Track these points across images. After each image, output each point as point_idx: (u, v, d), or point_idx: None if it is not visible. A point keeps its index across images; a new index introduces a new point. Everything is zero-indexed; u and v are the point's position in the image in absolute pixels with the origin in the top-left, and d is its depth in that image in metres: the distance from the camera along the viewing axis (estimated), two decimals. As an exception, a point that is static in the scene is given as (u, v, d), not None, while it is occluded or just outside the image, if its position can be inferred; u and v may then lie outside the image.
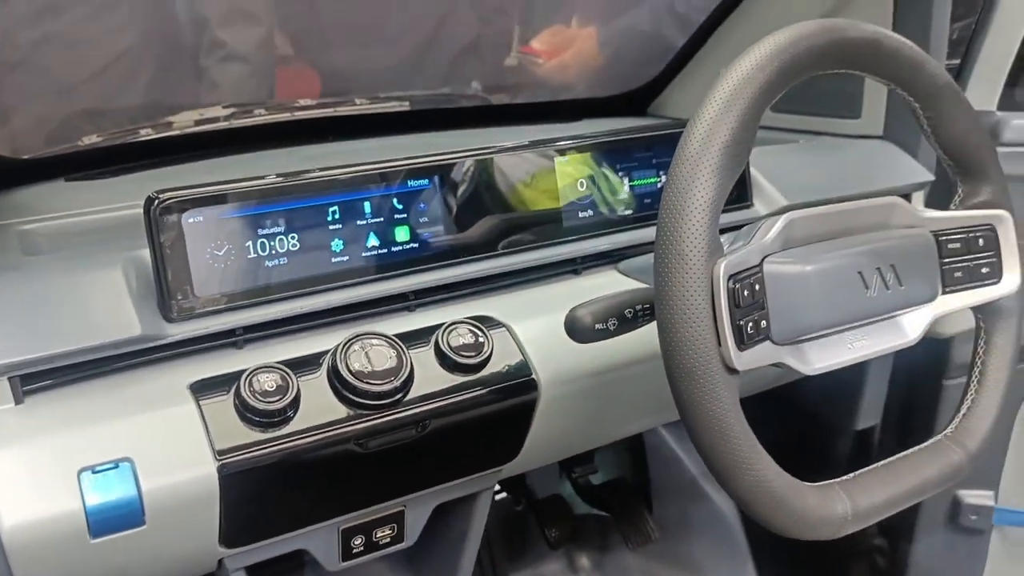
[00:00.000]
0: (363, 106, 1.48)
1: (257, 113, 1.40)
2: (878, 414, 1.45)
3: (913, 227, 0.84)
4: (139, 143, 1.31)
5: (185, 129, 1.34)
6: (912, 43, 0.81)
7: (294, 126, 1.41)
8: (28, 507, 0.65)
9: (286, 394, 0.73)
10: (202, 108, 1.40)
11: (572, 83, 1.80)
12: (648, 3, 1.75)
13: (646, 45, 1.74)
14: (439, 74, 1.85)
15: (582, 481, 1.59)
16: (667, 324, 0.68)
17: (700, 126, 0.69)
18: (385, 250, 0.86)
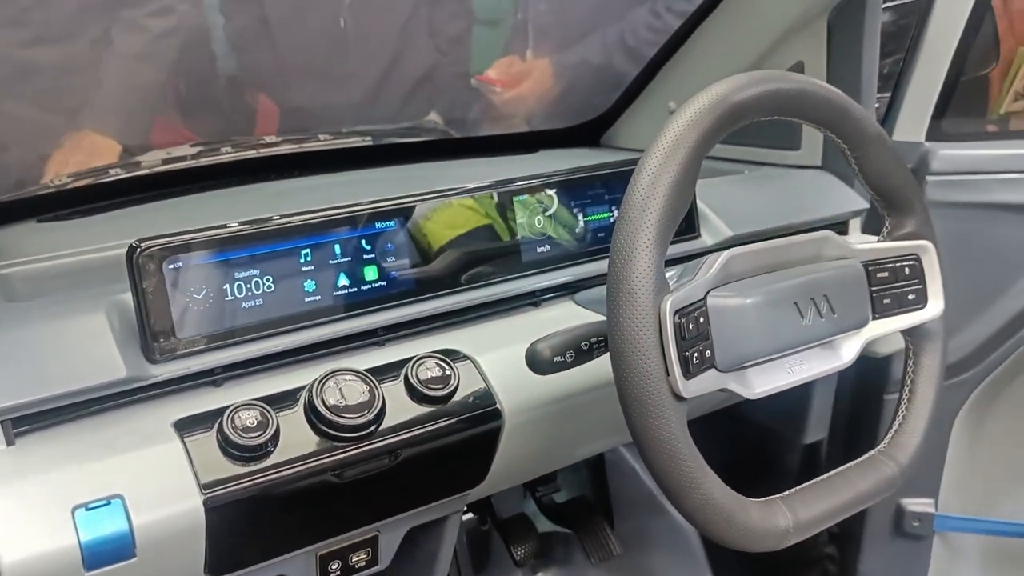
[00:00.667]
0: (326, 142, 1.53)
1: (224, 151, 1.44)
2: (825, 428, 1.52)
3: (844, 258, 0.92)
4: (109, 183, 1.34)
5: (154, 168, 1.38)
6: (839, 91, 0.89)
7: (260, 162, 1.45)
8: (26, 544, 0.69)
9: (266, 429, 0.78)
10: (169, 147, 1.44)
11: (529, 114, 1.87)
12: (599, 37, 1.82)
13: (598, 77, 1.82)
14: (399, 106, 1.91)
15: (545, 500, 1.64)
16: (619, 356, 0.74)
17: (645, 174, 0.75)
18: (355, 289, 0.91)
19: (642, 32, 1.76)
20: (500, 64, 1.97)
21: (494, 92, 1.89)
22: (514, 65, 1.95)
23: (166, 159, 1.41)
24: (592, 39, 1.84)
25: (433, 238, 0.97)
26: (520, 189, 1.03)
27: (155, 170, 1.38)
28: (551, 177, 1.06)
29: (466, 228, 1.00)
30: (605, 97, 1.68)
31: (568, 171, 1.08)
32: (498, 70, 1.95)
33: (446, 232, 0.98)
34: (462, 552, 1.57)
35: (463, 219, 1.00)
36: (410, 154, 1.58)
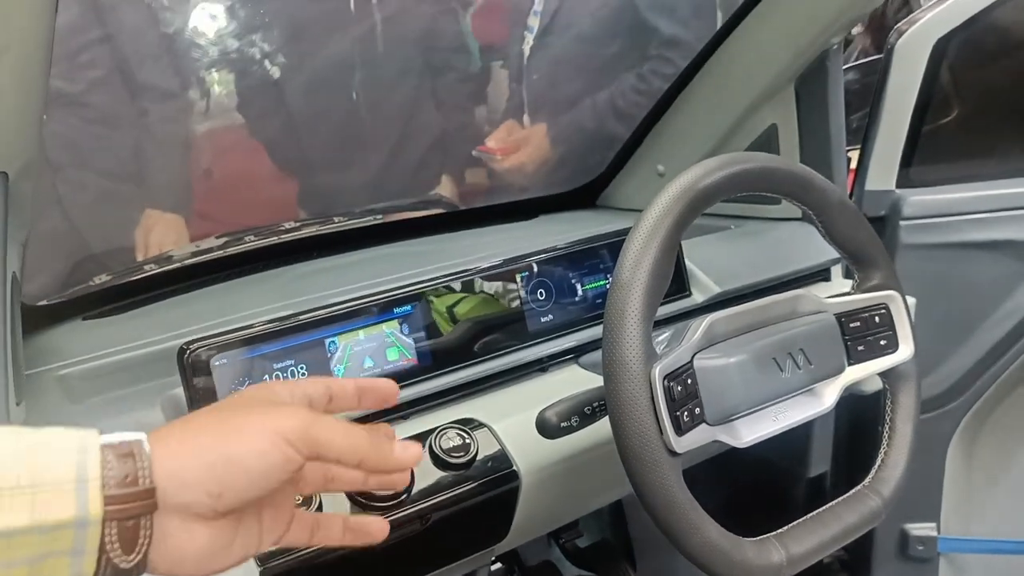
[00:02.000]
0: (341, 223, 1.64)
1: (247, 240, 1.56)
2: (827, 461, 1.61)
3: (819, 312, 1.01)
4: (144, 278, 1.45)
5: (184, 261, 1.49)
6: (800, 165, 1.00)
7: (282, 247, 1.56)
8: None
9: (311, 505, 0.88)
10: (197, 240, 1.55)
11: (529, 178, 1.98)
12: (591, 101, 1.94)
13: (593, 140, 1.93)
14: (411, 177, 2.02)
15: (569, 545, 1.72)
16: (616, 420, 0.84)
17: (628, 258, 0.86)
18: (379, 369, 1.02)
19: (631, 96, 1.87)
20: (500, 131, 2.08)
21: (495, 160, 2.00)
22: (513, 132, 2.07)
23: (195, 252, 1.52)
24: (584, 104, 1.95)
25: (446, 316, 1.08)
26: (521, 266, 1.14)
27: (185, 263, 1.49)
28: (550, 251, 1.17)
29: (476, 304, 1.10)
30: (600, 157, 1.79)
31: (566, 244, 1.19)
32: (498, 138, 2.06)
33: (457, 310, 1.09)
34: (492, 603, 1.65)
35: (472, 297, 1.10)
36: (419, 228, 1.69)
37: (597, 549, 1.75)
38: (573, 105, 1.99)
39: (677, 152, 1.57)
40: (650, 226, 0.87)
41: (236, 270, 1.48)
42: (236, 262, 1.50)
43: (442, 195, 1.93)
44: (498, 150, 2.02)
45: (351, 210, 1.71)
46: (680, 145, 1.57)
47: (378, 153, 1.99)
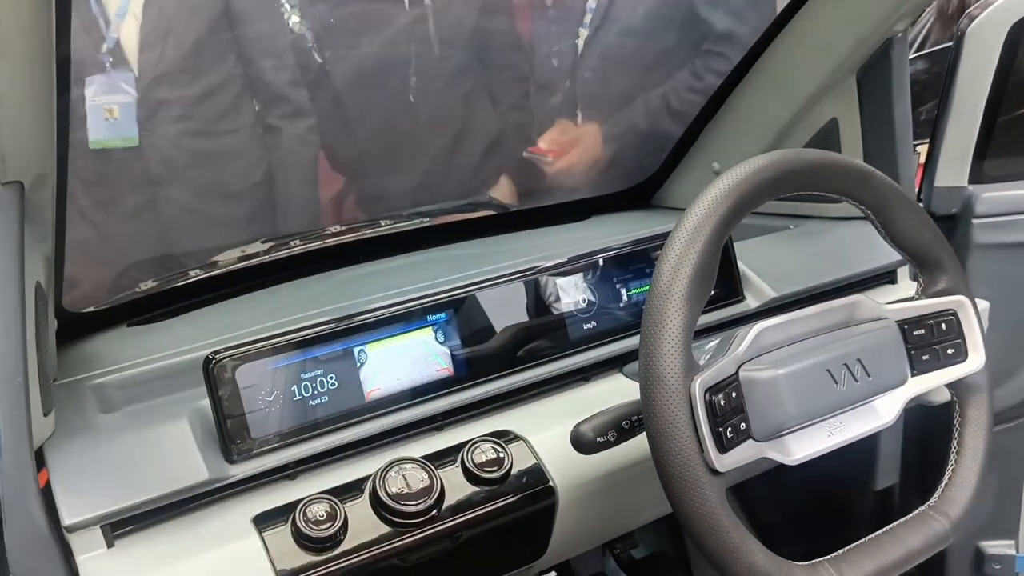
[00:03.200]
0: (388, 227, 1.61)
1: (293, 244, 1.54)
2: (896, 473, 1.52)
3: (878, 319, 0.94)
4: (190, 284, 1.45)
5: (230, 266, 1.48)
6: (856, 160, 0.93)
7: (327, 252, 1.54)
8: (126, 641, 0.77)
9: (335, 520, 0.85)
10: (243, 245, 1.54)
11: (582, 180, 1.93)
12: (644, 100, 1.88)
13: (646, 139, 1.87)
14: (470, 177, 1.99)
15: (624, 557, 1.66)
16: (654, 437, 0.78)
17: (667, 263, 0.80)
18: (413, 379, 0.98)
19: (684, 93, 1.81)
20: (552, 131, 2.03)
21: (546, 163, 1.96)
22: (566, 132, 2.02)
23: (241, 256, 1.51)
24: (637, 102, 1.90)
25: (484, 324, 1.04)
26: (563, 270, 1.09)
27: (231, 268, 1.48)
28: (593, 255, 1.12)
29: (516, 312, 1.06)
30: (654, 157, 1.73)
31: (610, 247, 1.14)
32: (550, 138, 2.01)
33: (496, 318, 1.04)
34: (543, 613, 1.61)
35: (513, 303, 1.06)
36: (468, 231, 1.65)
37: (653, 561, 1.69)
38: (626, 103, 1.94)
39: (733, 149, 1.51)
40: (691, 229, 0.81)
41: (282, 275, 1.47)
42: (282, 267, 1.49)
43: (492, 197, 1.89)
44: (550, 152, 1.98)
45: (398, 212, 1.68)
46: (736, 142, 1.50)
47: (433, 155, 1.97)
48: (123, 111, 1.47)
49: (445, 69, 1.96)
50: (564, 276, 1.09)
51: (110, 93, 1.47)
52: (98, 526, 0.83)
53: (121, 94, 1.47)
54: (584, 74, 2.03)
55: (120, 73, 1.49)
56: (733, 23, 1.71)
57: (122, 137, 1.50)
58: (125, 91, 1.48)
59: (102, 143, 1.49)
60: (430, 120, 1.96)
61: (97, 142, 1.49)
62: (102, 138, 1.48)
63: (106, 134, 1.48)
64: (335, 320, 0.96)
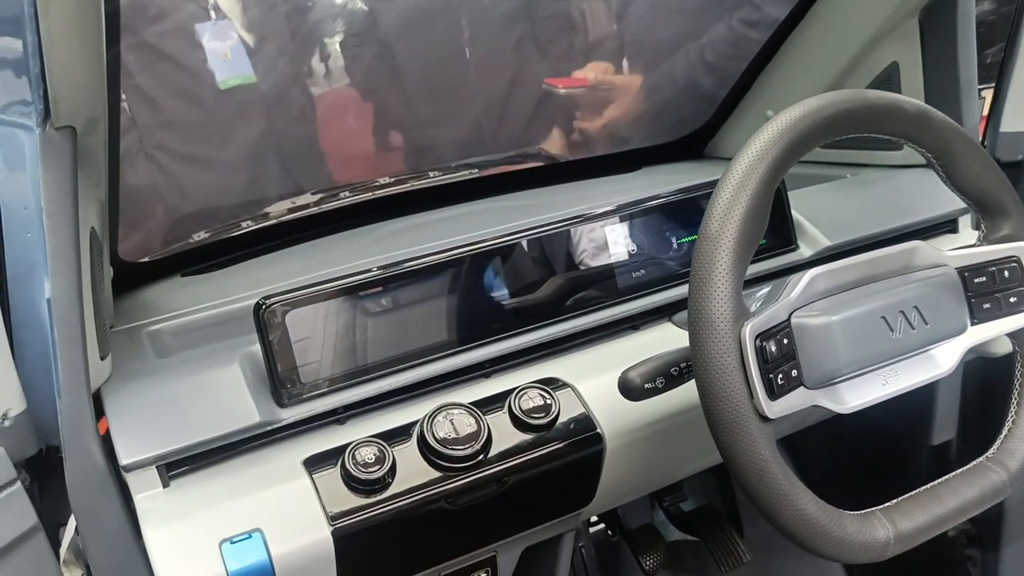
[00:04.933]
0: (436, 178, 1.61)
1: (342, 196, 1.55)
2: (953, 428, 1.49)
3: (937, 266, 0.92)
4: (242, 235, 1.46)
5: (281, 218, 1.50)
6: (915, 101, 0.89)
7: (377, 203, 1.54)
8: (182, 574, 0.79)
9: (384, 464, 0.86)
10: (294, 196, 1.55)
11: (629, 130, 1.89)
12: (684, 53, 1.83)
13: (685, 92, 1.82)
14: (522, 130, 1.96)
15: (672, 509, 1.66)
16: (703, 383, 0.77)
17: (718, 206, 0.79)
18: (462, 325, 0.98)
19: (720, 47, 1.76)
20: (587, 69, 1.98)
21: (557, 92, 1.90)
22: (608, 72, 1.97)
23: (291, 208, 1.52)
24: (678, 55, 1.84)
25: (534, 271, 1.03)
26: (612, 218, 1.07)
27: (282, 219, 1.49)
28: (642, 203, 1.10)
29: (564, 259, 1.05)
30: (694, 109, 1.70)
31: (660, 195, 1.12)
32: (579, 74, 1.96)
33: (545, 265, 1.04)
34: (591, 563, 1.62)
35: (561, 251, 1.05)
36: (517, 182, 1.64)
37: (702, 513, 1.69)
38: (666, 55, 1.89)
39: (787, 96, 1.47)
40: (742, 172, 0.79)
41: (331, 226, 1.48)
42: (331, 218, 1.50)
43: (541, 148, 1.87)
44: (562, 82, 1.92)
45: (447, 164, 1.68)
46: (791, 88, 1.46)
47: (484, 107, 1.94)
48: (234, 53, 1.56)
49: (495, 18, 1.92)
50: (613, 224, 1.08)
51: (220, 39, 1.55)
52: (154, 466, 0.85)
53: (229, 40, 1.56)
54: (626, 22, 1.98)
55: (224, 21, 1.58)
56: None
57: (241, 76, 1.58)
58: (231, 36, 1.56)
59: (225, 83, 1.57)
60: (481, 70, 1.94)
61: (223, 82, 1.57)
62: (224, 78, 1.57)
63: (227, 74, 1.57)
64: (384, 267, 0.96)
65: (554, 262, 1.05)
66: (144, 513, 0.83)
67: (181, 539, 0.81)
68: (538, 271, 1.04)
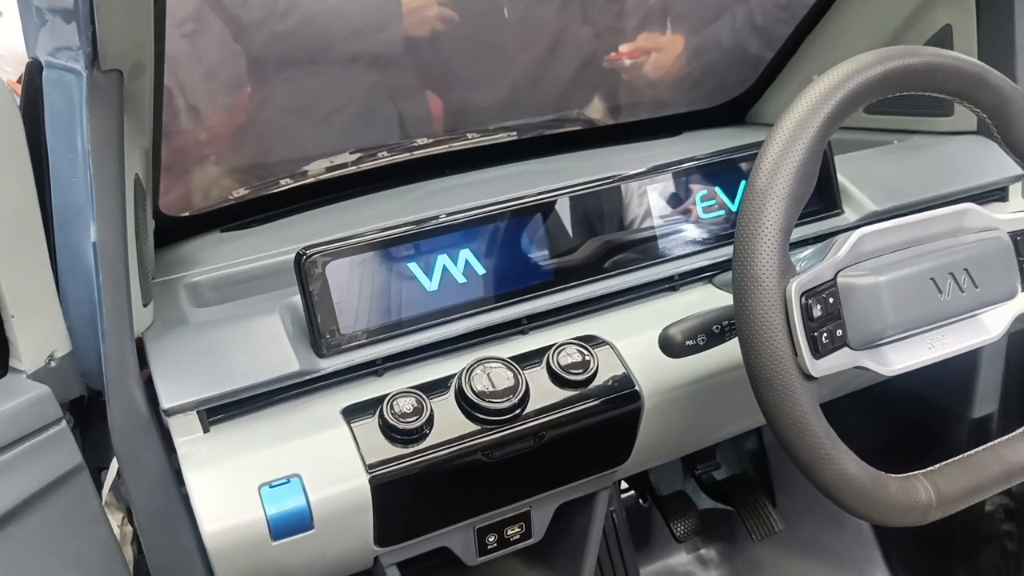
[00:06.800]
0: (474, 140, 1.60)
1: (380, 155, 1.54)
2: (995, 400, 1.47)
3: (989, 229, 0.90)
4: (281, 192, 1.47)
5: (319, 176, 1.50)
6: (971, 59, 0.87)
7: (414, 164, 1.54)
8: (223, 517, 0.80)
9: (421, 415, 0.86)
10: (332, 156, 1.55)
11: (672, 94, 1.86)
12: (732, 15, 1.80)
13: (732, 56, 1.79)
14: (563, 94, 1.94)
15: (705, 477, 1.66)
16: (747, 339, 0.76)
17: (767, 161, 0.77)
18: (500, 281, 0.98)
19: (770, 10, 1.72)
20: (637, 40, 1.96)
21: (623, 66, 1.88)
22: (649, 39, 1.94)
23: (329, 167, 1.52)
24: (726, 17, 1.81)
25: (573, 229, 1.02)
26: (653, 179, 1.06)
27: (320, 178, 1.49)
28: (683, 163, 1.09)
29: (605, 218, 1.04)
30: (739, 75, 1.67)
31: (700, 157, 1.11)
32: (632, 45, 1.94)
33: (585, 223, 1.03)
34: (623, 529, 1.62)
35: (601, 210, 1.04)
36: (556, 145, 1.63)
37: (734, 482, 1.68)
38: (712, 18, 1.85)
39: (835, 60, 1.40)
40: (792, 126, 0.78)
41: (369, 186, 1.48)
42: (369, 178, 1.50)
43: (581, 111, 1.85)
44: (625, 54, 1.90)
45: (484, 127, 1.67)
46: (838, 52, 1.43)
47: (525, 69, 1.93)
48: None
49: None
50: (654, 184, 1.06)
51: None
52: (195, 411, 0.86)
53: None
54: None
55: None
56: None
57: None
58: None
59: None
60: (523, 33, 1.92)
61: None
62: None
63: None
64: (422, 220, 0.96)
65: (594, 221, 1.04)
66: (185, 456, 0.84)
67: (221, 483, 0.82)
68: (577, 229, 1.03)
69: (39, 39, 0.83)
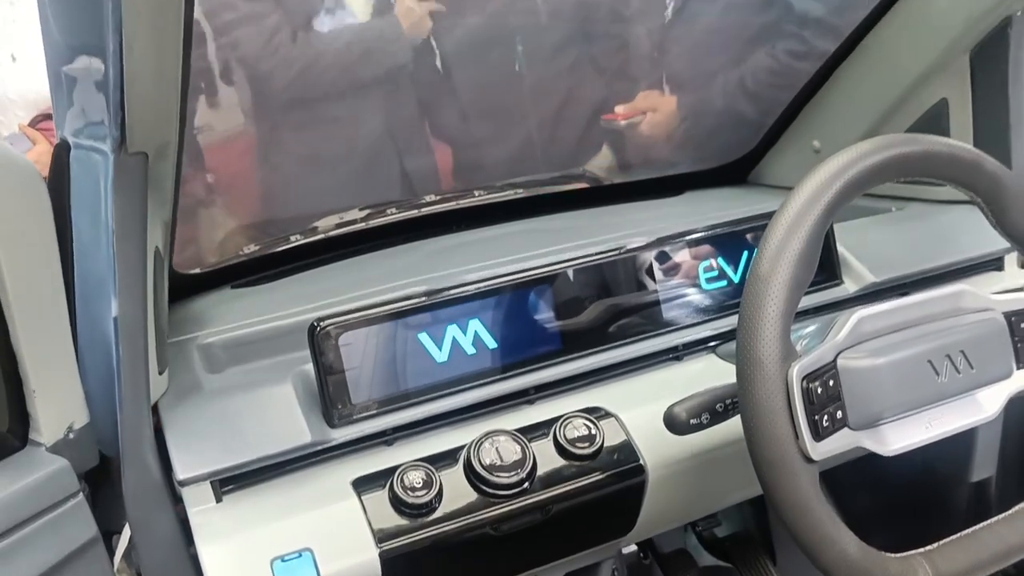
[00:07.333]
0: (482, 197, 1.63)
1: (389, 212, 1.57)
2: (993, 465, 1.48)
3: (984, 310, 0.92)
4: (291, 249, 1.49)
5: (329, 232, 1.52)
6: (967, 147, 0.90)
7: (423, 220, 1.57)
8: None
9: (431, 488, 0.88)
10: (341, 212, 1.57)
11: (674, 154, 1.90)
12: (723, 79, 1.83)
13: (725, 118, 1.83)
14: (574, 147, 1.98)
15: (706, 534, 1.67)
16: (749, 422, 0.79)
17: (769, 247, 0.80)
18: (508, 352, 1.00)
19: (762, 76, 1.76)
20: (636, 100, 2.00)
21: (619, 126, 1.92)
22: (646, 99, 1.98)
23: (339, 223, 1.54)
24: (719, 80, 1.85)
25: (579, 301, 1.04)
26: (659, 249, 1.09)
27: (330, 234, 1.52)
28: (686, 235, 1.11)
29: (610, 288, 1.06)
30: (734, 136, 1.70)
31: (707, 227, 1.13)
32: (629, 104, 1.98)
33: (591, 294, 1.05)
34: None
35: (607, 280, 1.07)
36: (562, 203, 1.66)
37: (736, 540, 1.69)
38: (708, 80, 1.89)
39: (835, 127, 1.47)
40: (794, 214, 0.80)
41: (378, 242, 1.50)
42: (378, 234, 1.53)
43: (586, 169, 1.88)
44: (622, 115, 1.94)
45: (491, 184, 1.70)
46: (838, 119, 1.46)
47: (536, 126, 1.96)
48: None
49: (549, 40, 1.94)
50: (659, 255, 1.09)
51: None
52: (208, 481, 0.87)
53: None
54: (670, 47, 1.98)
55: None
56: (813, 6, 1.65)
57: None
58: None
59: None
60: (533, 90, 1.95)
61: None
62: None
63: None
64: (433, 292, 0.98)
65: (600, 292, 1.06)
66: (198, 527, 0.85)
67: (234, 555, 0.83)
68: (584, 301, 1.05)
69: (67, 119, 0.85)
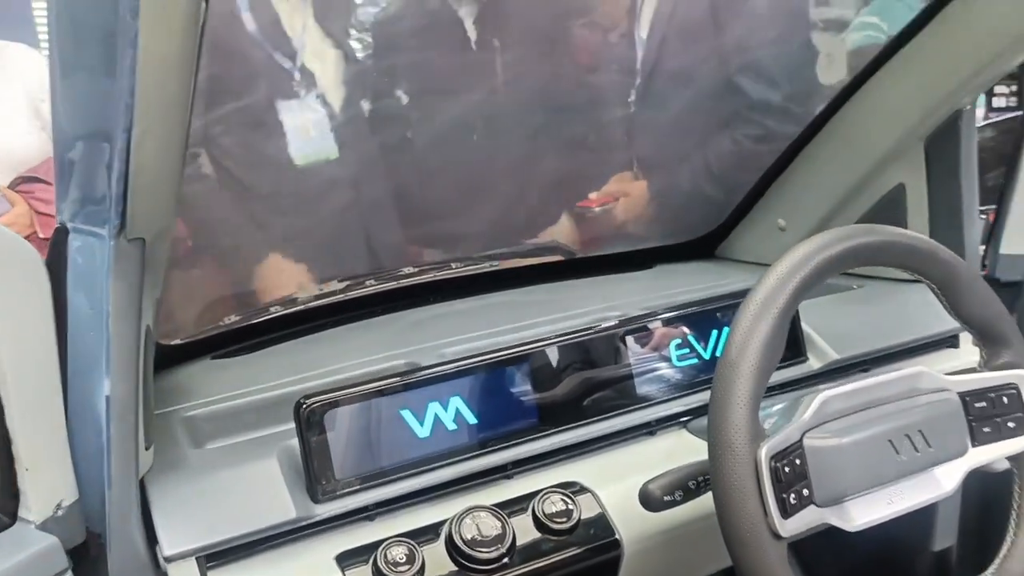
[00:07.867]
0: (457, 270, 1.67)
1: (368, 283, 1.61)
2: (953, 535, 1.52)
3: (940, 391, 0.97)
4: (271, 319, 1.52)
5: (308, 304, 1.56)
6: (923, 237, 0.96)
7: (400, 292, 1.60)
8: (221, 669, 0.83)
9: (414, 563, 0.90)
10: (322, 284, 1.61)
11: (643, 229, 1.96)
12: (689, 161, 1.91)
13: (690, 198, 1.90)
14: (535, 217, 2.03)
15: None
16: (721, 501, 0.82)
17: (737, 335, 0.85)
18: (487, 427, 1.03)
19: (726, 158, 1.84)
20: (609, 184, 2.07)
21: (592, 212, 1.99)
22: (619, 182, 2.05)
23: (319, 295, 1.58)
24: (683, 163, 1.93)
25: (555, 377, 1.08)
26: (632, 327, 1.13)
27: (309, 305, 1.55)
28: (661, 313, 1.16)
29: (584, 365, 1.10)
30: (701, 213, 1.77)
31: (678, 305, 1.18)
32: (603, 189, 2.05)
33: (566, 371, 1.09)
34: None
35: (581, 357, 1.11)
36: (534, 276, 1.70)
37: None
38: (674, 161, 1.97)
39: (799, 206, 1.54)
40: (760, 302, 0.85)
41: (356, 313, 1.53)
42: (357, 305, 1.56)
43: (558, 242, 1.94)
44: (596, 201, 2.01)
45: (468, 256, 1.74)
46: (803, 199, 1.53)
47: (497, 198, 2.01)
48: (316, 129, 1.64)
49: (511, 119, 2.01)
50: (632, 332, 1.13)
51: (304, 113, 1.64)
52: (194, 557, 0.89)
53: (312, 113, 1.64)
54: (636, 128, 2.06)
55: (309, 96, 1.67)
56: (770, 94, 1.74)
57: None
58: (316, 110, 1.65)
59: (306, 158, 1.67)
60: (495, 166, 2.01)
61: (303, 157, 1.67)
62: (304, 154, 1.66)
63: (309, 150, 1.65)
64: (415, 369, 1.02)
65: (575, 368, 1.10)
66: (183, 604, 0.87)
67: (219, 634, 0.85)
68: (559, 378, 1.09)
69: (67, 204, 0.88)
